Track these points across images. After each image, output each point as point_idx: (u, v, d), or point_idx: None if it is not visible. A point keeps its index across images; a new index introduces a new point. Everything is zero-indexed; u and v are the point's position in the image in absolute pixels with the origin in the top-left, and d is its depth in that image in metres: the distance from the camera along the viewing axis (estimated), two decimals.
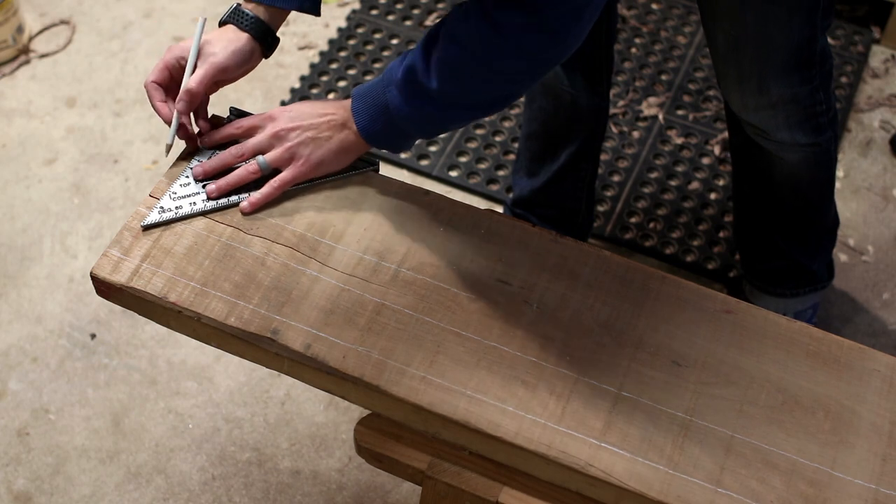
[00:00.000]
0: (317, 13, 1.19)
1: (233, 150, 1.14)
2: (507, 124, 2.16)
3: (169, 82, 1.15)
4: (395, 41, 2.31)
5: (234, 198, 1.13)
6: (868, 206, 2.03)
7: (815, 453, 0.99)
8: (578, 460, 0.96)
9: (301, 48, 2.29)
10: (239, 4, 1.16)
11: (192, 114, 1.15)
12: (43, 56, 2.24)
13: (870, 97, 2.23)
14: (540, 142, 1.74)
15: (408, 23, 2.35)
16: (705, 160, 2.12)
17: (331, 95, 2.19)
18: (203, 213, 1.11)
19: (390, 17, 2.36)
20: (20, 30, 2.21)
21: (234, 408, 1.73)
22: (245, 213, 1.12)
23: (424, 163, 2.09)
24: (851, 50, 2.31)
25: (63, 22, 2.30)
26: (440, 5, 2.39)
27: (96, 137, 2.09)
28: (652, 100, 2.21)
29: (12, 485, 1.64)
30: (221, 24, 1.17)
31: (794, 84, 1.38)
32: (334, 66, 2.25)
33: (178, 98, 1.12)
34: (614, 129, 2.15)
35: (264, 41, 1.16)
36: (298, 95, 2.18)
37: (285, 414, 1.72)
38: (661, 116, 2.18)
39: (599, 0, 1.00)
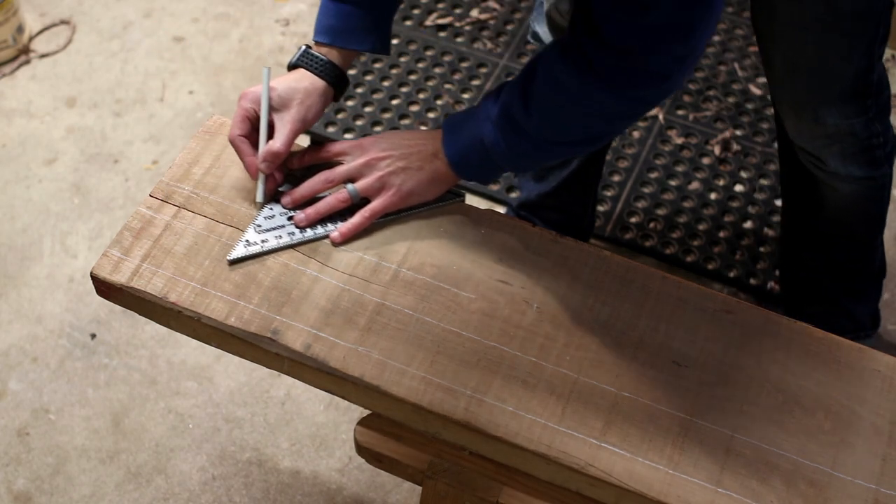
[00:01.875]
0: (387, 52, 1.18)
1: (322, 177, 1.11)
2: None
3: (250, 132, 1.11)
4: (395, 41, 2.31)
5: (320, 229, 1.09)
6: None
7: (815, 453, 0.99)
8: (578, 460, 0.96)
9: None
10: (309, 47, 1.14)
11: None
12: (43, 56, 2.24)
13: None
14: None
15: (408, 23, 2.35)
16: (705, 160, 2.12)
17: None
18: (290, 247, 1.08)
19: None
20: (20, 30, 2.21)
21: (234, 408, 1.73)
22: (335, 244, 1.09)
23: None
24: None
25: (63, 22, 2.30)
26: (440, 5, 2.39)
27: (96, 137, 2.09)
28: None
29: (12, 485, 1.64)
30: (291, 67, 1.14)
31: (849, 115, 1.36)
32: None
33: (262, 158, 1.09)
34: None
35: (338, 86, 1.14)
36: None
37: (285, 414, 1.72)
38: (661, 116, 2.18)
39: (703, 46, 0.99)
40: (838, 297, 1.65)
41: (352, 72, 2.24)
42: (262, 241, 1.07)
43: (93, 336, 1.80)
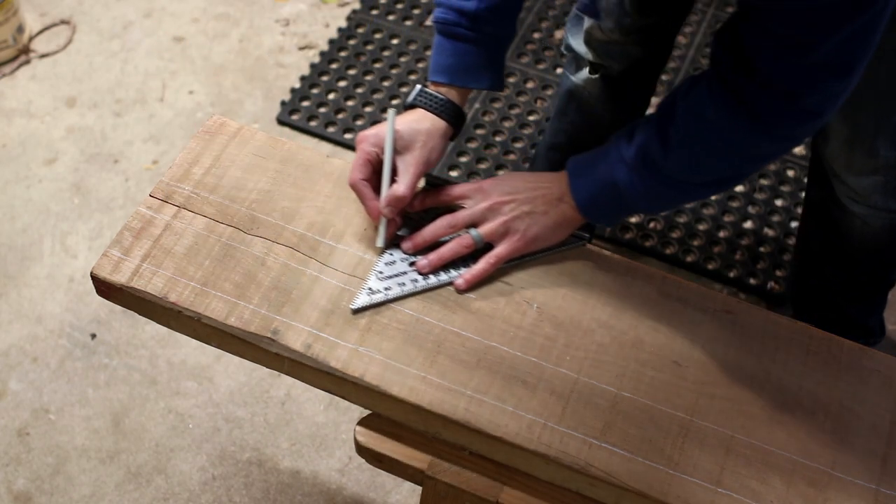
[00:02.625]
0: (502, 89, 1.17)
1: (445, 222, 1.09)
2: (507, 124, 2.16)
3: (372, 175, 1.09)
4: (395, 41, 2.31)
5: (443, 276, 1.07)
6: None
7: (815, 453, 0.99)
8: (578, 460, 0.96)
9: (301, 48, 2.29)
10: (425, 86, 1.12)
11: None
12: (43, 56, 2.24)
13: None
14: (563, 155, 1.68)
15: (408, 23, 2.35)
16: None
17: (331, 95, 2.19)
18: (414, 294, 1.06)
19: (391, 17, 2.36)
20: (20, 30, 2.21)
21: (234, 408, 1.73)
22: (460, 291, 1.07)
23: None
24: None
25: (63, 22, 2.30)
26: None
27: (96, 137, 2.09)
28: (653, 100, 2.21)
29: (12, 485, 1.64)
30: (408, 106, 1.12)
31: None
32: (334, 66, 2.25)
33: (385, 202, 1.07)
34: None
35: (457, 124, 1.12)
36: (299, 95, 2.18)
37: (285, 414, 1.72)
38: None
39: (857, 81, 0.96)
40: (851, 311, 1.64)
41: (352, 71, 2.24)
42: (386, 290, 1.05)
43: (93, 336, 1.80)
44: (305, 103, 2.18)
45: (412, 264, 1.08)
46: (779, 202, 2.05)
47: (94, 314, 1.83)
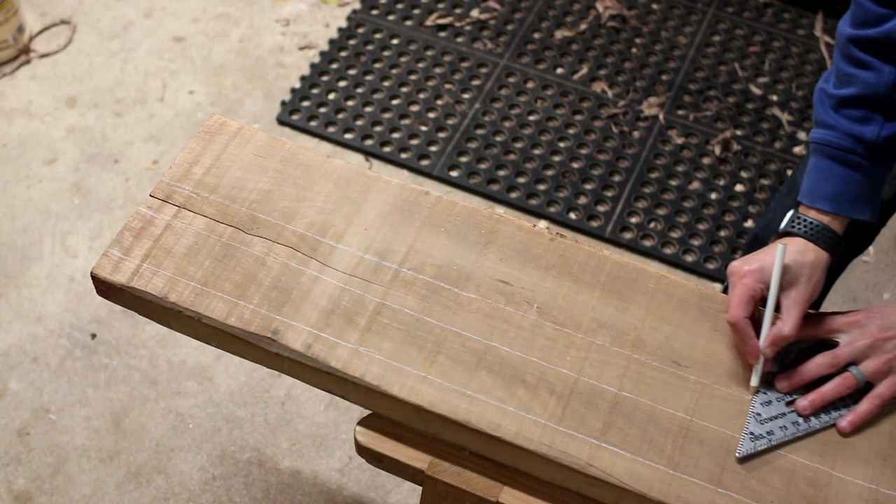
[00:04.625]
0: (876, 218, 1.09)
1: (826, 361, 1.02)
2: (507, 124, 2.16)
3: (752, 312, 1.02)
4: (395, 41, 2.31)
5: (824, 417, 1.01)
6: None
7: (816, 453, 0.99)
8: (578, 460, 0.96)
9: (301, 48, 2.29)
10: (798, 213, 1.06)
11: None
12: (43, 56, 2.24)
13: None
14: None
15: (408, 23, 2.35)
16: (706, 160, 2.12)
17: (331, 95, 2.19)
18: (797, 438, 1.00)
19: (391, 17, 2.36)
20: (20, 30, 2.21)
21: (234, 408, 1.73)
22: (845, 434, 1.01)
23: (425, 163, 2.09)
24: None
25: (63, 22, 2.30)
26: (440, 5, 2.39)
27: (96, 137, 2.09)
28: (652, 100, 2.21)
29: (13, 484, 1.64)
30: (783, 234, 1.06)
31: None
32: (335, 66, 2.25)
33: (769, 342, 1.01)
34: (615, 129, 2.15)
35: (837, 253, 1.06)
36: (299, 95, 2.18)
37: (285, 414, 1.72)
38: (661, 116, 2.18)
39: None
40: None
41: (352, 71, 2.24)
42: (768, 434, 0.99)
43: (93, 336, 1.80)
44: (305, 103, 2.18)
45: (788, 403, 1.03)
46: None
47: (94, 314, 1.83)
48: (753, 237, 1.63)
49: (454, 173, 2.08)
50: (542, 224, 2.00)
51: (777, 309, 1.02)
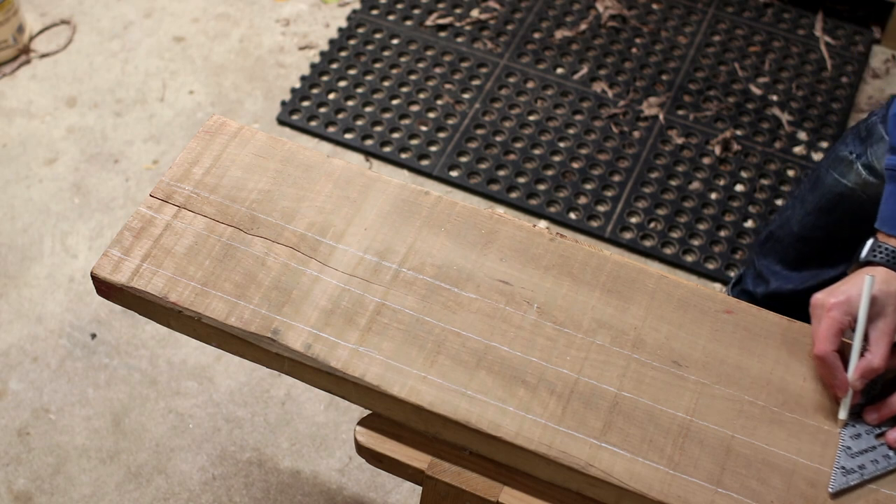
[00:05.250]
0: None
1: None
2: (507, 124, 2.16)
3: (839, 345, 1.00)
4: (395, 41, 2.31)
5: None
6: None
7: (816, 453, 0.99)
8: (578, 460, 0.96)
9: (301, 48, 2.29)
10: (879, 240, 1.04)
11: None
12: (43, 56, 2.24)
13: (870, 97, 2.23)
14: (815, 248, 1.55)
15: (408, 23, 2.35)
16: (706, 160, 2.12)
17: (331, 95, 2.19)
18: (890, 472, 0.98)
19: (391, 17, 2.36)
20: (21, 30, 2.21)
21: (234, 408, 1.73)
22: None
23: (425, 163, 2.09)
24: (852, 50, 2.31)
25: (63, 22, 2.30)
26: (440, 5, 2.39)
27: (97, 137, 2.09)
28: (652, 100, 2.21)
29: (13, 485, 1.64)
30: (864, 263, 1.04)
31: None
32: (335, 66, 2.25)
33: (858, 374, 0.99)
34: (615, 129, 2.15)
35: None
36: (299, 95, 2.19)
37: (285, 414, 1.72)
38: (661, 116, 2.18)
39: None
40: None
41: (352, 71, 2.24)
42: (860, 468, 0.98)
43: (93, 336, 1.80)
44: (306, 103, 2.18)
45: (878, 436, 1.01)
46: (779, 202, 2.05)
47: (94, 314, 1.83)
48: (769, 234, 1.62)
49: (454, 173, 2.08)
50: (543, 224, 2.00)
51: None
